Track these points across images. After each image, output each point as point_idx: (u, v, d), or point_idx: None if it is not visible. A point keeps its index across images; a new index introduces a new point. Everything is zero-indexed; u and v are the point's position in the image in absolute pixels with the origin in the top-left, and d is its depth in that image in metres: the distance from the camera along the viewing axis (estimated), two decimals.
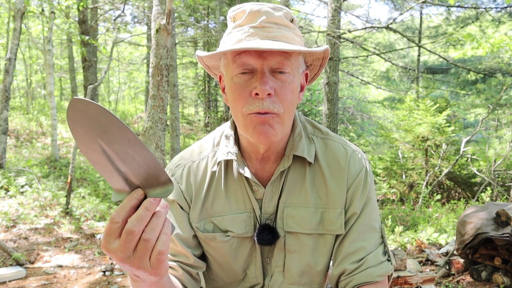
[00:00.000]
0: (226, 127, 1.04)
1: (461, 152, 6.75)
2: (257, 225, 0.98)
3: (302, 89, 0.95)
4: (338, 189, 0.96)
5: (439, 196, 6.51)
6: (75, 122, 0.59)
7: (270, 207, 0.98)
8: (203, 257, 1.05)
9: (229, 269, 1.02)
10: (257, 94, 0.82)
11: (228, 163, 1.00)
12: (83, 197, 5.68)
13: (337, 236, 0.98)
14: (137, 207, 0.63)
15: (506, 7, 9.09)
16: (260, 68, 0.83)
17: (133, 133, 0.58)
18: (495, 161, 7.11)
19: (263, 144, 0.90)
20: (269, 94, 0.83)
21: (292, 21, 0.90)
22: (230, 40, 0.87)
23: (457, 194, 7.52)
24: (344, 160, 0.98)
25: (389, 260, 0.96)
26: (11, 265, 3.46)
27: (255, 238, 0.97)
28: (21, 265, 3.48)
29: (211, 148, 1.04)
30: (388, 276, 0.97)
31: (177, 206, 1.00)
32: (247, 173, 0.96)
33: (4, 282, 3.12)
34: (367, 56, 11.99)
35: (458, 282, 3.08)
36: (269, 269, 1.02)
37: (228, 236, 0.99)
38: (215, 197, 1.00)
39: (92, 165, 0.64)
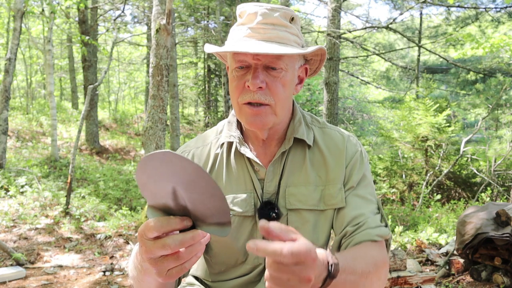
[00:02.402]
0: (229, 116, 1.11)
1: (461, 152, 6.74)
2: (259, 204, 1.02)
3: (301, 81, 1.02)
4: (337, 166, 1.02)
5: (439, 196, 6.51)
6: (154, 164, 0.60)
7: (272, 186, 1.02)
8: None
9: (230, 250, 1.05)
10: (249, 86, 0.90)
11: (231, 146, 1.06)
12: (83, 197, 5.68)
13: (336, 211, 1.02)
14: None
15: (505, 7, 9.09)
16: (254, 65, 0.91)
17: (220, 190, 0.60)
18: (495, 161, 7.11)
19: (256, 130, 0.98)
20: (260, 87, 0.90)
21: (292, 19, 0.95)
22: (233, 37, 0.95)
23: (457, 194, 7.52)
24: (342, 142, 1.05)
25: (386, 227, 1.00)
26: (11, 265, 3.46)
27: (257, 214, 1.01)
28: (21, 265, 3.48)
29: (214, 136, 1.11)
30: (386, 243, 1.00)
31: None
32: (247, 153, 1.01)
33: (4, 282, 3.12)
34: (367, 56, 11.98)
35: (458, 282, 3.08)
36: None
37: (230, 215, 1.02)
38: (218, 178, 1.05)
39: (140, 186, 0.64)
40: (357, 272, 0.81)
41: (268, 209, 1.00)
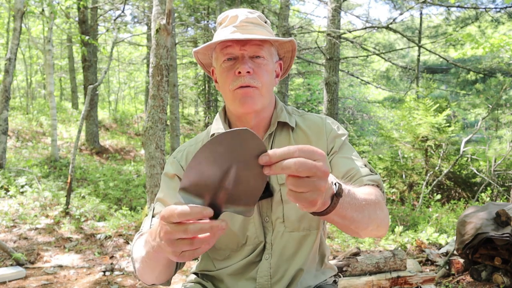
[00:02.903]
0: (216, 115, 1.24)
1: (461, 152, 6.74)
2: None
3: (277, 76, 1.18)
4: (319, 140, 1.15)
5: (439, 196, 6.51)
6: (227, 141, 0.66)
7: None
8: None
9: (230, 233, 1.11)
10: (239, 72, 1.04)
11: None
12: (83, 197, 5.68)
13: None
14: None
15: (505, 7, 9.08)
16: (241, 55, 1.07)
17: None
18: (495, 161, 7.11)
19: (248, 111, 1.08)
20: (248, 72, 1.05)
21: (266, 22, 1.15)
22: (218, 37, 1.10)
23: (457, 194, 7.52)
24: (320, 122, 1.19)
25: (376, 175, 1.10)
26: (11, 265, 3.46)
27: None
28: (21, 265, 3.48)
29: (205, 135, 1.24)
30: (381, 190, 1.07)
31: (177, 179, 1.15)
32: None
33: (4, 282, 3.12)
34: (367, 56, 11.98)
35: (458, 282, 3.08)
36: (269, 227, 1.12)
37: None
38: None
39: (193, 161, 0.68)
40: (359, 198, 0.89)
41: None
